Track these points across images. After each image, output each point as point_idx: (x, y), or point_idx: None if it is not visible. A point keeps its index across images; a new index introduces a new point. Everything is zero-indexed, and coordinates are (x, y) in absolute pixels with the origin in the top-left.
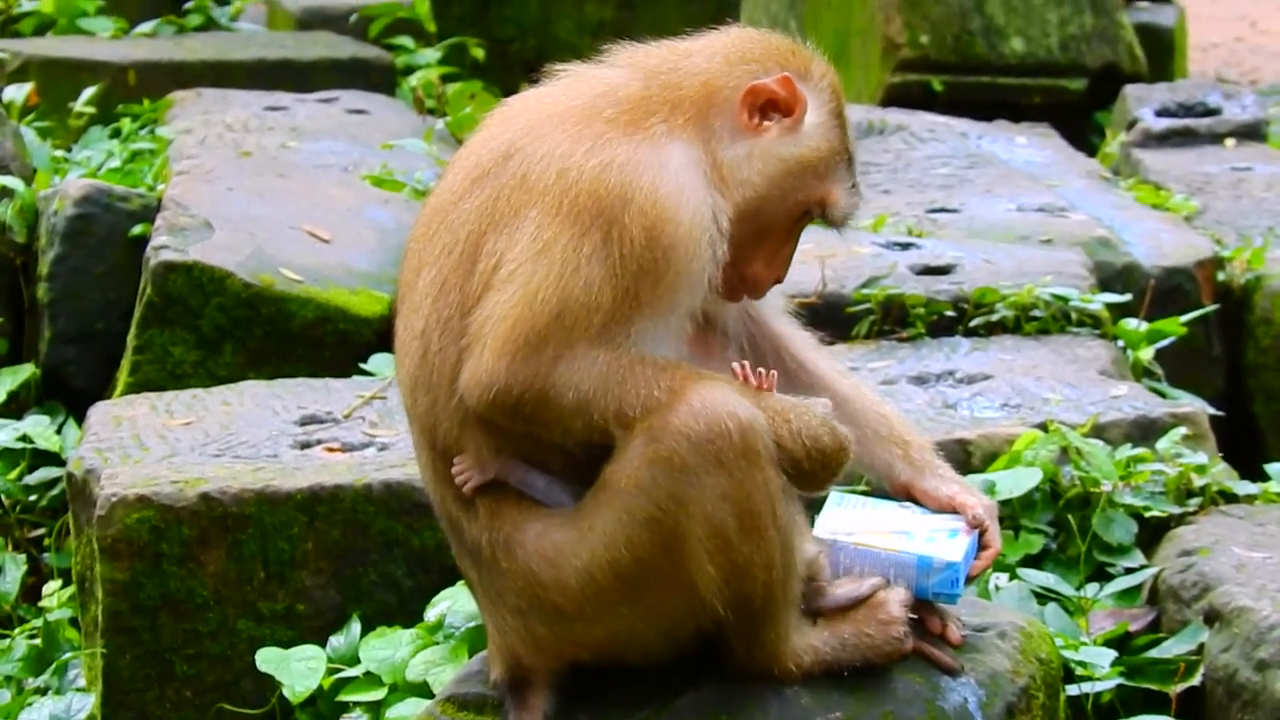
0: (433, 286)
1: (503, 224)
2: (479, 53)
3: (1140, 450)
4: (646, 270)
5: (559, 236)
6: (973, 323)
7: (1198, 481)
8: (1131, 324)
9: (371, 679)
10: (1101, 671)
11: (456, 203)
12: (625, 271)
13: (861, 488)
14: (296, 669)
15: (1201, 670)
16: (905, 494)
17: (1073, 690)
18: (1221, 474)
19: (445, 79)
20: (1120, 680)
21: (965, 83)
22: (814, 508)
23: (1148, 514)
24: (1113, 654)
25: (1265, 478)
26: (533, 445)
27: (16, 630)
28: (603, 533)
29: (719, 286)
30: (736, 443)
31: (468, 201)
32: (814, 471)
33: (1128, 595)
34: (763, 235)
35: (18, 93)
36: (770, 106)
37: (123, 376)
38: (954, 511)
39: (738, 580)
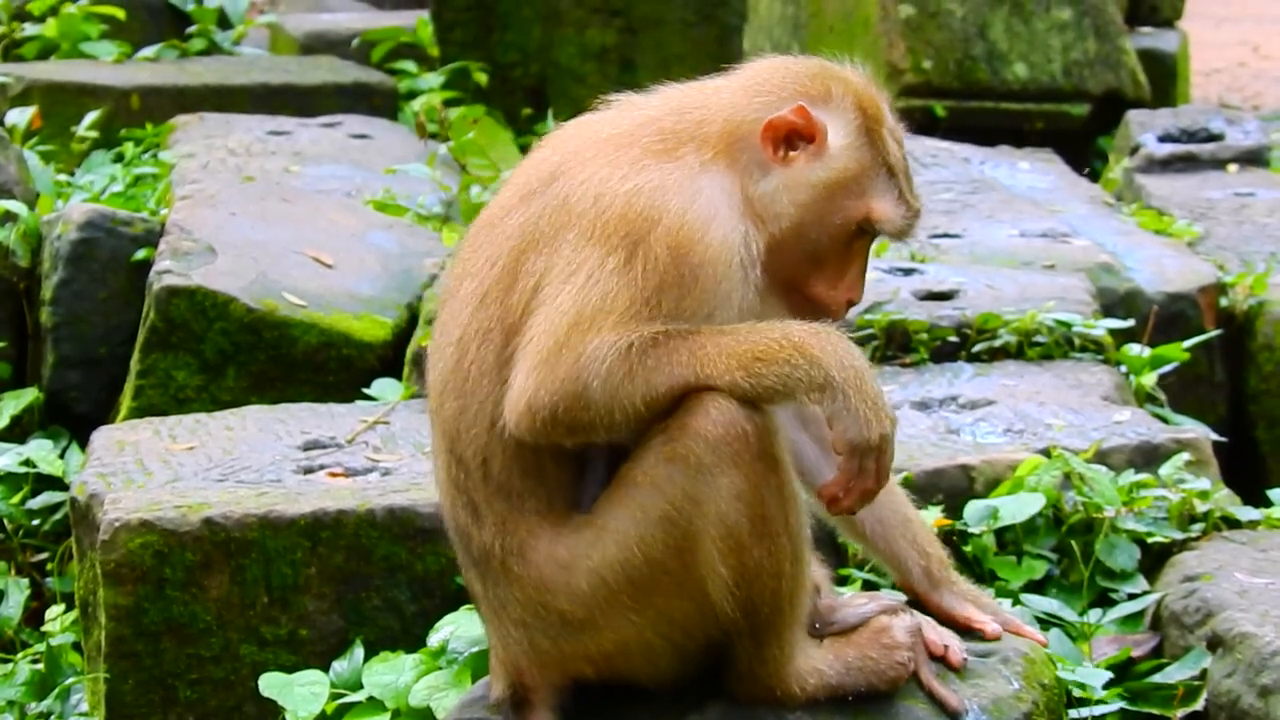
0: (473, 297)
1: (542, 243)
2: (481, 77)
3: (1143, 476)
4: (670, 284)
5: (588, 259)
6: (976, 348)
7: (1200, 507)
8: (1134, 349)
9: (375, 704)
10: (1098, 693)
11: (504, 218)
12: (646, 284)
13: None
14: (299, 694)
15: (1204, 696)
16: (918, 602)
17: (1075, 715)
18: (1224, 500)
19: (448, 104)
20: (1123, 705)
21: (968, 108)
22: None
23: (1150, 540)
24: (1108, 675)
25: (1268, 503)
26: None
27: (19, 655)
28: (616, 530)
29: (789, 311)
30: (754, 444)
31: (513, 218)
32: None
33: (1130, 621)
34: (818, 259)
35: (21, 117)
36: (794, 136)
37: (126, 401)
38: (968, 629)
39: (748, 585)
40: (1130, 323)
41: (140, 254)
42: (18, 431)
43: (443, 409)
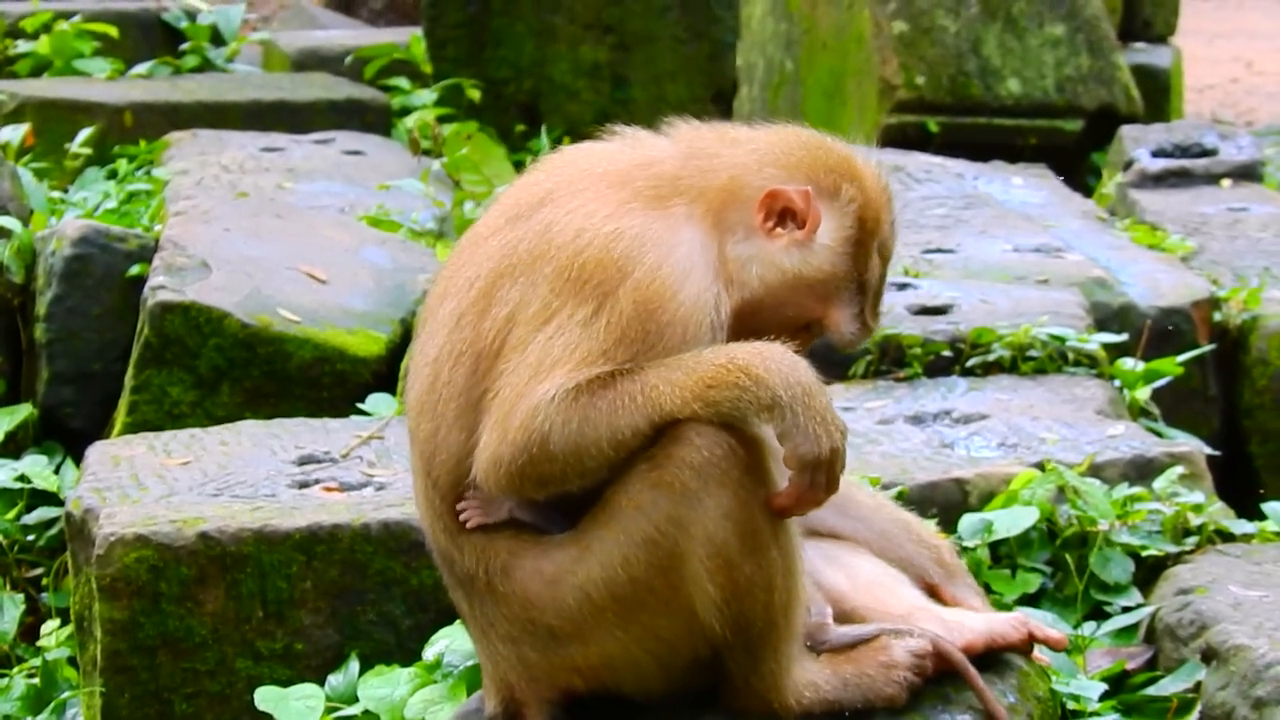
0: (450, 318)
1: (519, 272)
2: (475, 94)
3: (1137, 489)
4: (631, 340)
5: (562, 308)
6: (969, 362)
7: (1195, 520)
8: (1128, 364)
9: (370, 717)
10: (1092, 705)
11: (487, 238)
12: (608, 337)
13: None
14: (295, 708)
15: (1199, 709)
16: (933, 596)
17: None
18: (1218, 513)
19: (441, 120)
20: (1117, 717)
21: (961, 124)
22: None
23: (1145, 553)
24: (1103, 687)
25: (1262, 517)
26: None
27: (15, 669)
28: (599, 552)
29: None
30: (742, 460)
31: (496, 239)
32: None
33: (1125, 634)
34: (762, 336)
35: (14, 134)
36: (788, 215)
37: (120, 417)
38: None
39: (738, 601)
40: (1124, 337)
41: (134, 270)
42: (12, 447)
43: (419, 429)
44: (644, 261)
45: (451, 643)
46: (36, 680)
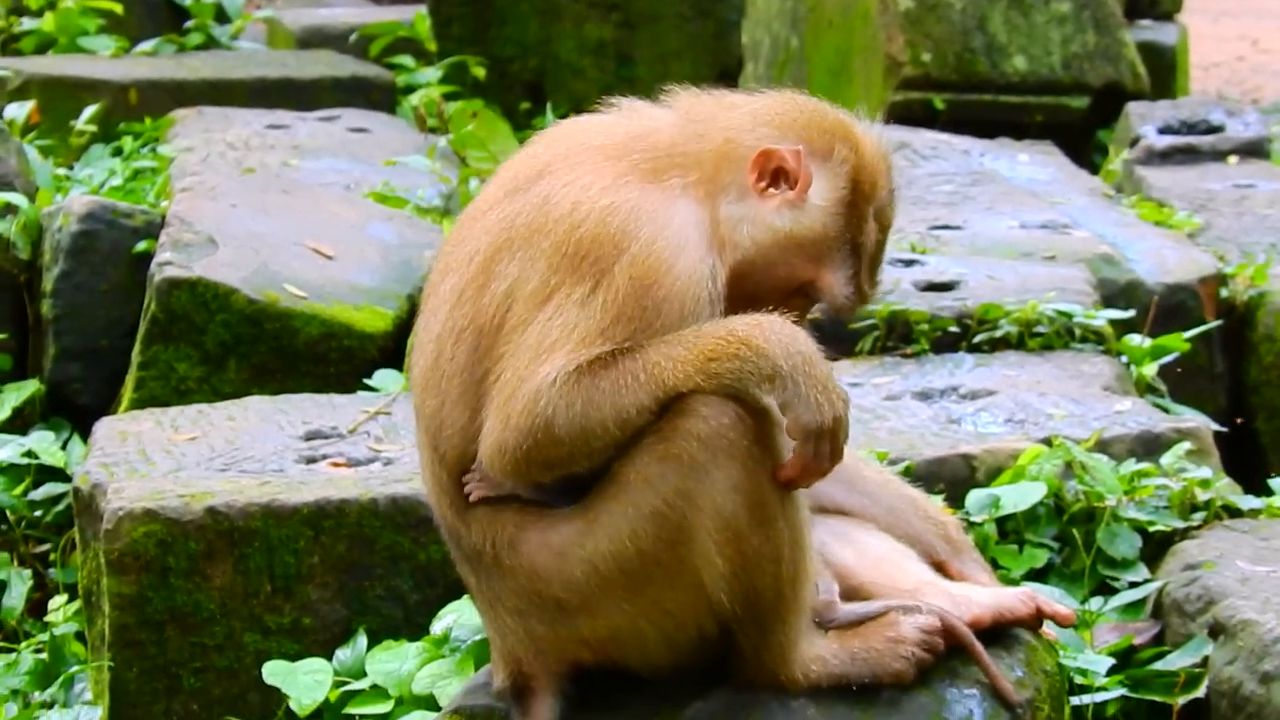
0: (451, 294)
1: (516, 245)
2: (479, 71)
3: (1144, 465)
4: (629, 316)
5: (559, 286)
6: (976, 339)
7: (1202, 496)
8: (1135, 340)
9: (378, 692)
10: (1100, 680)
11: (486, 212)
12: (605, 315)
13: None
14: (303, 682)
15: (1206, 683)
16: (940, 571)
17: (1077, 702)
18: (1225, 489)
19: (446, 98)
20: (1125, 692)
21: (967, 101)
22: None
23: (1152, 528)
24: (1110, 661)
25: (1269, 493)
26: None
27: (23, 644)
28: (607, 525)
29: None
30: (749, 432)
31: (495, 212)
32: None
33: (1132, 609)
34: (756, 302)
35: (19, 111)
36: (780, 175)
37: (127, 393)
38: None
39: (747, 573)
40: (1131, 313)
41: (141, 246)
42: (19, 423)
43: (424, 406)
44: (639, 236)
45: (459, 617)
46: (44, 655)
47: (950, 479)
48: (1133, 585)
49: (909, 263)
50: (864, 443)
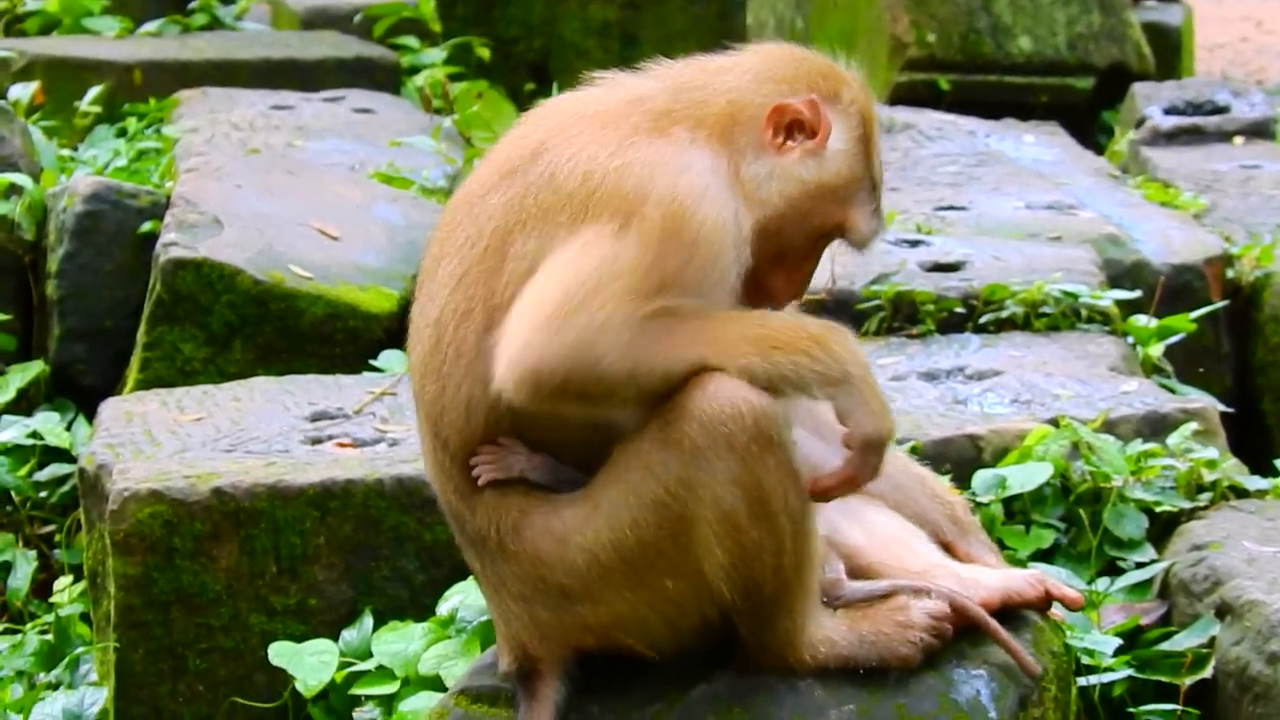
0: (452, 278)
1: (530, 224)
2: (484, 52)
3: (1151, 445)
4: (670, 253)
5: (584, 233)
6: (982, 319)
7: (1208, 476)
8: (1141, 320)
9: (384, 673)
10: (1107, 659)
11: (483, 197)
12: (646, 252)
13: None
14: (309, 663)
15: (1213, 663)
16: (947, 552)
17: (1084, 683)
18: (1232, 469)
19: (450, 79)
20: (1132, 672)
21: (972, 81)
22: None
23: (1158, 509)
24: (1117, 641)
25: (1275, 473)
26: (545, 438)
27: (28, 626)
28: (608, 513)
29: (740, 296)
30: (749, 425)
31: (495, 196)
32: None
33: (1139, 589)
34: (783, 253)
35: (23, 92)
36: (795, 127)
37: (132, 374)
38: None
39: (746, 566)
40: (1137, 294)
41: (146, 226)
42: (24, 404)
43: (424, 392)
44: (659, 183)
45: (465, 598)
46: (50, 636)
47: (956, 460)
48: (1139, 566)
49: (915, 243)
50: None
